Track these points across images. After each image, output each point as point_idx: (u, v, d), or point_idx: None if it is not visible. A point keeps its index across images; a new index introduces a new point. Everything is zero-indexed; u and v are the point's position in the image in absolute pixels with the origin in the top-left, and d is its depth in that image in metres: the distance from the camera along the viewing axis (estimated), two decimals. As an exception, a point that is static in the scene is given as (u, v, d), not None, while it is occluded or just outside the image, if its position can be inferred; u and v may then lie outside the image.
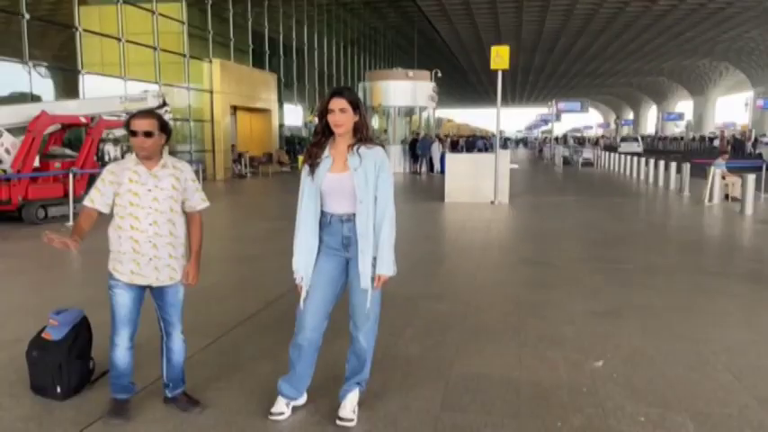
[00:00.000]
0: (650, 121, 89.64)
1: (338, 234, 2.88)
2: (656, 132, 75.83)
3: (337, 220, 2.88)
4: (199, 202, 3.11)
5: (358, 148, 2.85)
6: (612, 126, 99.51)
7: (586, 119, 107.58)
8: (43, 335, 3.35)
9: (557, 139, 40.38)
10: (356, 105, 2.83)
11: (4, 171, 9.71)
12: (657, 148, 54.19)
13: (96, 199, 2.98)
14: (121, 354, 3.03)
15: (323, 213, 2.89)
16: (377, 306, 2.99)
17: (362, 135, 2.87)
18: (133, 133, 2.94)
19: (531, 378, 3.60)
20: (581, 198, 14.24)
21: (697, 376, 3.64)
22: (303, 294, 2.92)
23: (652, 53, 49.99)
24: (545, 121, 56.90)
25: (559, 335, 4.39)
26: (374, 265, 2.88)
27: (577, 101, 46.99)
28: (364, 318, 2.96)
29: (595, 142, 52.23)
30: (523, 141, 75.80)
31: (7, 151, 9.71)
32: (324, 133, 2.89)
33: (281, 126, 26.40)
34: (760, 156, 30.44)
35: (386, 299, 5.13)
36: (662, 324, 4.65)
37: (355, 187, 2.82)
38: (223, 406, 3.22)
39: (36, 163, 10.02)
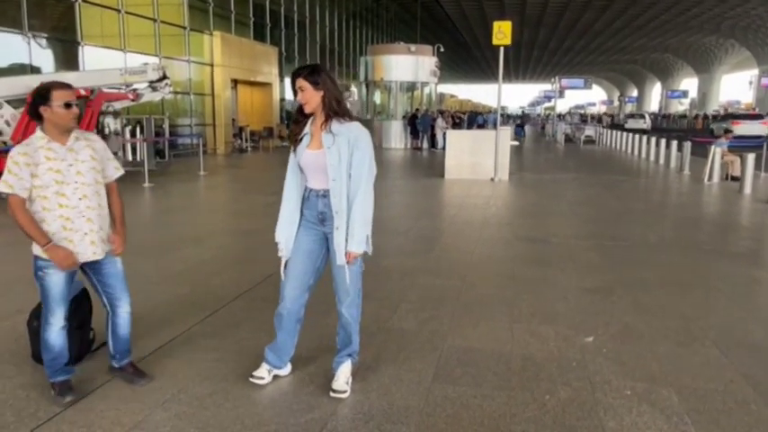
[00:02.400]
0: (654, 98, 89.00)
1: (315, 209, 2.98)
2: (660, 110, 75.35)
3: (314, 195, 2.97)
4: (113, 171, 3.09)
5: (331, 126, 2.89)
6: (616, 103, 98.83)
7: (590, 96, 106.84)
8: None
9: (559, 115, 40.18)
10: (315, 82, 2.87)
11: (5, 143, 9.71)
12: (661, 126, 53.90)
13: (15, 184, 2.81)
14: (56, 334, 2.98)
15: (305, 188, 3.00)
16: (357, 281, 3.06)
17: (332, 109, 2.90)
18: (68, 105, 2.84)
19: (522, 352, 3.68)
20: (581, 175, 14.24)
21: (685, 352, 3.71)
22: (283, 265, 3.04)
23: (657, 29, 49.44)
24: (548, 98, 56.57)
25: (552, 311, 4.45)
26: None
27: (581, 77, 46.68)
28: (344, 292, 3.04)
29: (598, 119, 51.90)
30: (521, 119, 75.42)
31: (7, 123, 9.71)
32: (301, 111, 2.96)
33: (282, 100, 26.26)
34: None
35: (381, 273, 5.22)
36: (653, 300, 4.72)
37: (327, 165, 2.88)
38: (219, 376, 3.30)
39: (36, 135, 10.01)
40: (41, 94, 2.83)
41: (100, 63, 14.78)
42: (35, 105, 2.84)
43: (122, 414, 2.89)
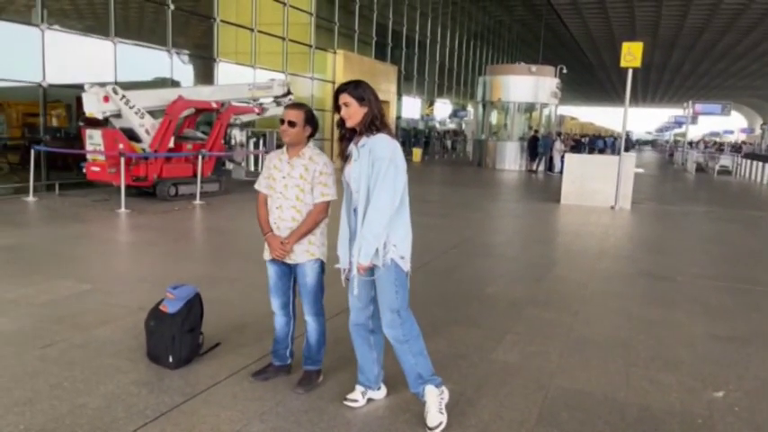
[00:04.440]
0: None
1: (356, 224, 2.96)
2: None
3: (354, 211, 2.95)
4: (317, 195, 3.20)
5: (359, 141, 2.89)
6: (758, 131, 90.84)
7: (727, 122, 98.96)
8: (160, 307, 3.59)
9: (690, 143, 37.56)
10: (360, 98, 2.86)
11: (143, 150, 10.57)
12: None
13: (261, 182, 3.33)
14: (276, 320, 3.43)
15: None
16: (392, 299, 2.89)
17: (369, 126, 2.87)
18: (281, 121, 3.19)
19: (638, 401, 3.36)
20: (713, 209, 13.13)
21: (837, 422, 3.22)
22: (342, 278, 3.03)
23: (811, 53, 44.90)
24: (678, 124, 53.06)
25: (675, 357, 4.06)
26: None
27: (718, 103, 43.36)
28: (381, 310, 2.96)
29: (738, 149, 47.86)
30: (652, 143, 71.22)
31: (147, 132, 10.55)
32: (343, 127, 2.95)
33: (398, 118, 26.65)
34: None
35: (487, 300, 5.05)
36: (798, 357, 4.17)
37: (350, 179, 2.90)
38: (316, 394, 3.29)
39: (171, 144, 10.81)
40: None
41: (232, 78, 15.77)
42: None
43: (222, 421, 2.95)
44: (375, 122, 2.87)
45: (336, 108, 2.92)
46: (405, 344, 2.97)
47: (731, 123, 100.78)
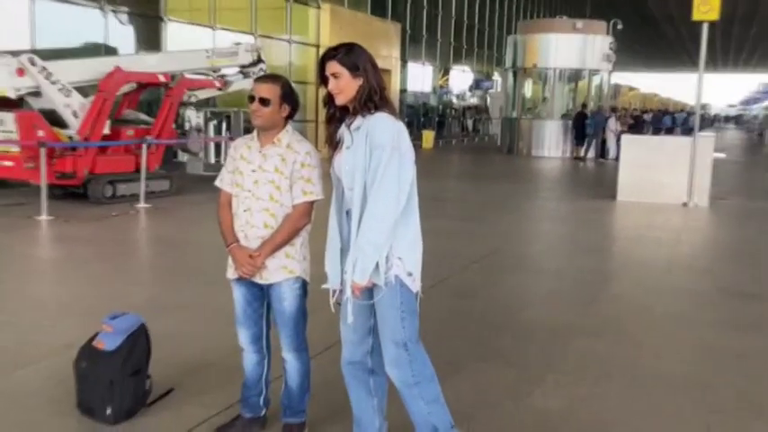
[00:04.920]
0: None
1: (350, 228, 2.93)
2: None
3: (347, 213, 2.93)
4: (298, 194, 3.18)
5: (352, 122, 2.85)
6: None
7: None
8: (95, 343, 3.59)
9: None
10: (354, 66, 2.83)
11: (71, 138, 10.58)
12: None
13: (224, 177, 3.32)
14: (245, 360, 3.41)
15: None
16: (397, 329, 2.89)
17: (366, 103, 2.83)
18: (251, 98, 3.17)
19: (722, 459, 3.38)
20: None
21: None
22: (331, 301, 2.97)
23: None
24: (770, 94, 53.16)
25: (770, 401, 4.08)
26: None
27: (822, 65, 43.32)
28: (386, 343, 2.91)
29: None
30: (736, 119, 71.47)
31: (75, 114, 10.56)
32: (332, 105, 2.93)
33: (403, 92, 26.72)
34: None
35: (521, 329, 5.08)
36: None
37: (342, 173, 2.88)
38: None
39: (106, 130, 10.82)
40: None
41: (185, 43, 15.83)
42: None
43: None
44: (373, 98, 2.84)
45: (323, 80, 2.89)
46: (415, 387, 2.95)
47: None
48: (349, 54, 2.86)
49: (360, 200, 2.81)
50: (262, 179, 3.15)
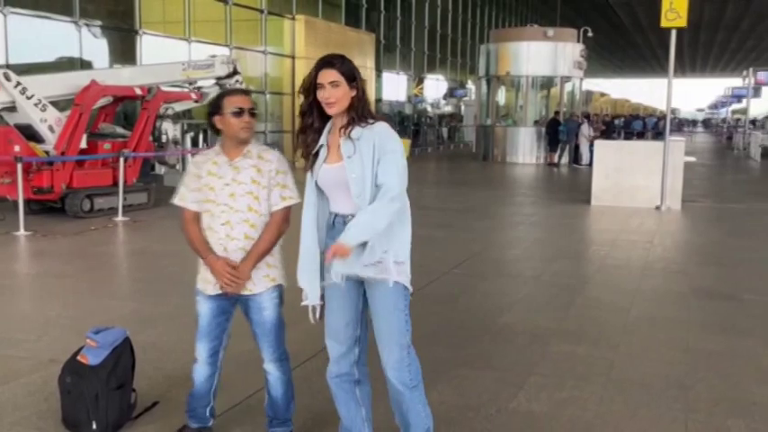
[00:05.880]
0: None
1: None
2: None
3: (341, 222, 2.92)
4: (276, 199, 3.20)
5: (351, 131, 2.86)
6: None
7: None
8: (79, 358, 3.58)
9: (753, 122, 38.20)
10: (352, 77, 2.87)
11: (47, 153, 10.50)
12: None
13: (186, 196, 3.29)
14: (197, 371, 3.38)
15: (330, 214, 2.98)
16: (402, 330, 2.93)
17: (358, 114, 2.88)
18: (238, 112, 3.13)
19: (701, 457, 3.43)
20: (786, 206, 13.38)
21: None
22: (312, 314, 2.98)
23: None
24: (737, 98, 53.95)
25: (746, 399, 4.15)
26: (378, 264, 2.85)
27: (787, 69, 44.08)
28: (385, 344, 2.93)
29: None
30: (704, 123, 72.47)
31: (51, 129, 10.49)
32: (312, 113, 2.93)
33: (378, 101, 26.78)
34: None
35: (502, 333, 5.10)
36: None
37: (348, 180, 2.84)
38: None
39: (83, 144, 10.76)
40: (215, 103, 3.21)
41: (160, 56, 15.77)
42: (210, 116, 3.21)
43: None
44: (360, 108, 2.89)
45: (311, 88, 2.88)
46: (414, 390, 2.98)
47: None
48: (345, 63, 2.89)
49: (368, 204, 2.82)
50: (238, 191, 3.15)
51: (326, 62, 2.87)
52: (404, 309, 2.92)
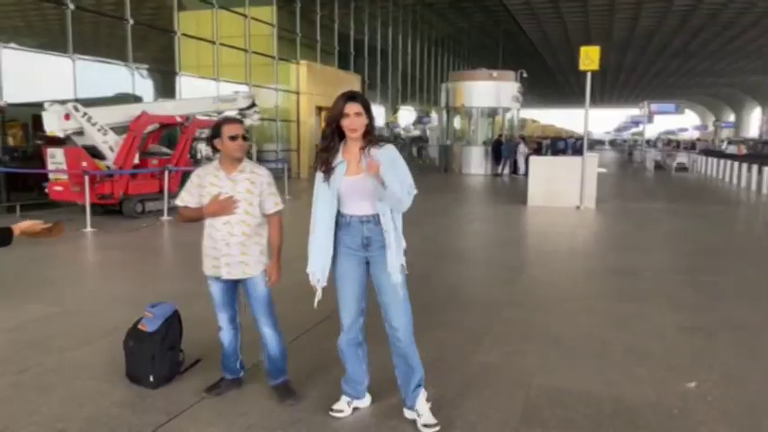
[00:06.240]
0: (754, 123, 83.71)
1: (358, 235, 2.95)
2: (761, 136, 70.73)
3: (357, 221, 2.94)
4: (271, 206, 3.24)
5: (369, 150, 2.90)
6: (711, 128, 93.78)
7: (681, 121, 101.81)
8: (139, 326, 3.55)
9: (648, 141, 38.54)
10: (368, 109, 2.91)
11: (108, 167, 10.38)
12: (762, 152, 50.53)
13: (188, 200, 3.28)
14: (223, 335, 3.39)
15: (341, 215, 2.96)
16: (406, 301, 3.01)
17: (372, 137, 2.92)
18: (233, 138, 3.14)
19: (615, 394, 3.46)
20: (674, 205, 13.52)
21: (803, 404, 3.37)
22: (318, 296, 3.00)
23: (758, 51, 46.63)
24: (636, 123, 54.46)
25: (647, 350, 4.19)
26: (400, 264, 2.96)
27: (672, 102, 44.60)
28: (396, 314, 2.97)
29: (692, 146, 49.32)
30: (611, 143, 73.08)
31: (111, 149, 10.37)
32: (333, 138, 2.94)
33: (364, 126, 26.72)
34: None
35: (464, 304, 5.09)
36: (760, 344, 4.34)
37: (374, 189, 2.86)
38: (299, 405, 3.30)
39: (136, 160, 10.64)
40: (216, 129, 3.22)
41: (194, 91, 15.62)
42: (212, 138, 3.23)
43: (209, 438, 2.93)
44: (373, 132, 2.94)
45: (337, 117, 2.89)
46: (414, 342, 3.08)
47: (685, 121, 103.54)
48: (364, 98, 2.95)
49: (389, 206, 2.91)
50: (237, 199, 3.17)
51: (351, 96, 2.92)
52: (406, 287, 3.02)
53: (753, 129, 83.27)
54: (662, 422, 3.14)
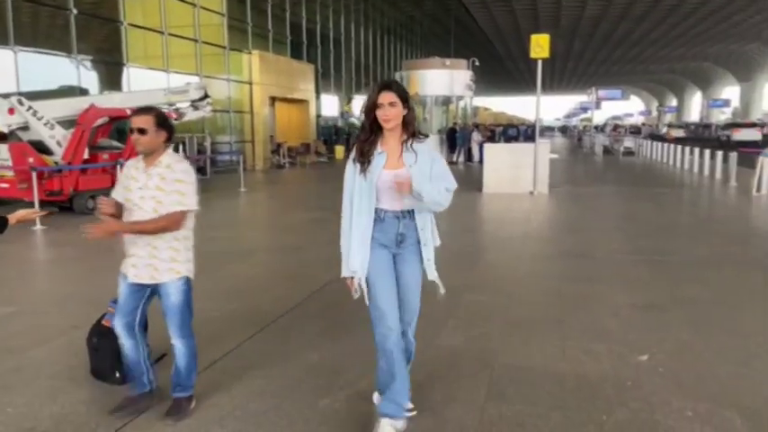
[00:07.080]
0: (695, 108, 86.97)
1: (392, 231, 2.80)
2: (701, 120, 73.59)
3: (392, 217, 2.79)
4: (171, 203, 2.93)
5: (412, 144, 2.78)
6: (654, 113, 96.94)
7: (627, 106, 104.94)
8: (103, 322, 3.50)
9: (596, 127, 39.56)
10: (405, 98, 2.73)
11: (56, 163, 10.04)
12: (703, 135, 52.59)
13: (115, 192, 3.11)
14: (122, 344, 3.12)
15: (377, 209, 2.79)
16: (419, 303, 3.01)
17: (413, 129, 2.78)
18: (130, 130, 2.93)
19: (575, 370, 3.61)
20: (622, 188, 13.98)
21: (745, 371, 3.59)
22: (366, 294, 2.78)
23: (697, 38, 48.41)
24: (584, 109, 55.85)
25: (603, 328, 4.37)
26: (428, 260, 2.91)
27: (618, 88, 45.95)
28: (413, 312, 2.96)
29: (637, 131, 50.92)
30: (561, 129, 74.85)
31: (59, 144, 10.04)
32: (372, 129, 2.76)
33: (319, 116, 26.56)
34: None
35: (424, 289, 5.19)
36: (708, 318, 4.58)
37: (410, 202, 2.76)
38: (271, 393, 3.33)
39: (85, 155, 10.33)
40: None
41: (144, 83, 15.22)
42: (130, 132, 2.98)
43: (180, 431, 2.93)
44: (414, 124, 2.78)
45: (372, 107, 2.70)
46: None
47: (631, 107, 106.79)
48: (401, 87, 2.76)
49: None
50: (147, 195, 2.94)
51: (385, 85, 2.72)
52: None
53: (694, 113, 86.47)
54: (618, 393, 3.30)
